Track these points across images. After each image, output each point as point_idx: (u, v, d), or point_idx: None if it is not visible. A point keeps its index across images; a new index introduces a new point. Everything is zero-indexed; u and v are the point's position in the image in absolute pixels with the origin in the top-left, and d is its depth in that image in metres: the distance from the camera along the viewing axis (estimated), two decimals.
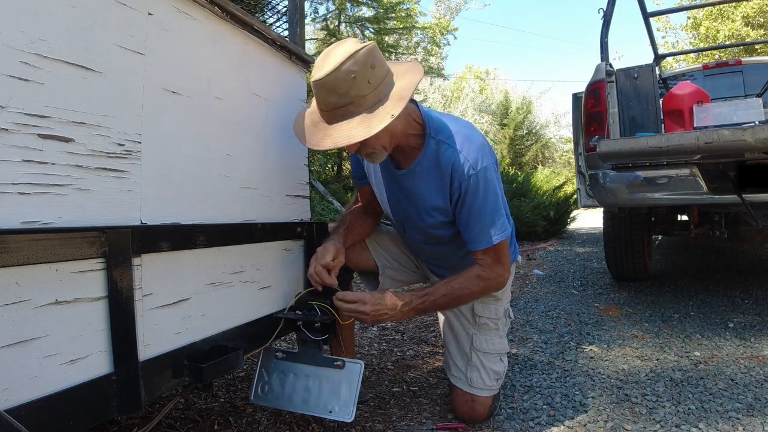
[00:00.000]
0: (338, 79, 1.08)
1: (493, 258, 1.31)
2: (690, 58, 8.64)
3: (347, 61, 1.07)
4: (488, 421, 1.45)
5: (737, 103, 2.65)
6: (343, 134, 1.12)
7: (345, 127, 1.13)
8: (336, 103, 1.11)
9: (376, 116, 1.11)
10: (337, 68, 1.07)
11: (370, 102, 1.12)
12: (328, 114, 1.15)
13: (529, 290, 3.39)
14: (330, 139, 1.14)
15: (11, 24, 0.67)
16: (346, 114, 1.13)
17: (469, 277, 1.32)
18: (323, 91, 1.11)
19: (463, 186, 1.25)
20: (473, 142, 1.28)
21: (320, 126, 1.17)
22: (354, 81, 1.09)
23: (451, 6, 17.51)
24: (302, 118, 1.23)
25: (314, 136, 1.17)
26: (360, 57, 1.09)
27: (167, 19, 0.94)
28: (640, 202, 2.38)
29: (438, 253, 1.51)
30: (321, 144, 1.15)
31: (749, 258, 4.27)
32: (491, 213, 1.28)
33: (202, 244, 1.01)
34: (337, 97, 1.10)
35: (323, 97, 1.12)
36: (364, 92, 1.11)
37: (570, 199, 7.07)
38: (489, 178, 1.27)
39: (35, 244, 0.68)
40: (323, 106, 1.14)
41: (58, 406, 0.71)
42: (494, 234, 1.28)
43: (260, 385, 1.35)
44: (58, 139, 0.74)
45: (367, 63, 1.10)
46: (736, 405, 1.49)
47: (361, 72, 1.09)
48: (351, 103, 1.11)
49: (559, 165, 16.68)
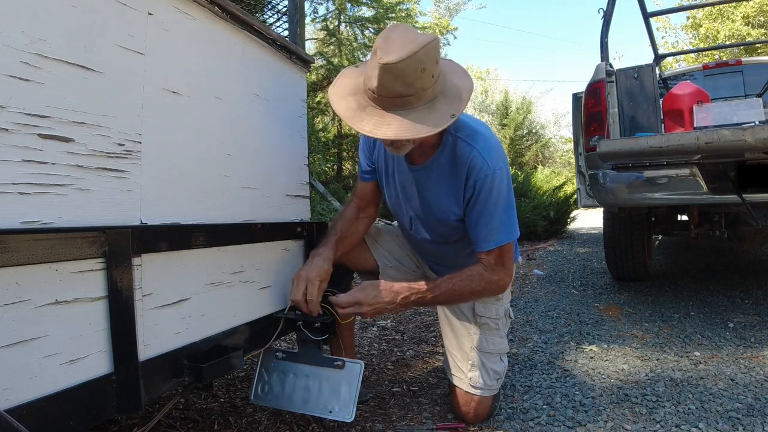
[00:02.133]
0: (409, 68, 1.03)
1: (496, 260, 1.31)
2: (690, 58, 8.64)
3: (420, 50, 1.03)
4: (488, 421, 1.45)
5: (737, 103, 2.65)
6: (405, 127, 1.07)
7: (405, 119, 1.08)
8: (400, 91, 1.06)
9: (436, 112, 1.09)
10: (411, 56, 1.02)
11: (430, 96, 1.09)
12: (385, 100, 1.08)
13: (529, 290, 3.39)
14: (391, 130, 1.08)
15: (11, 24, 0.67)
16: (405, 104, 1.08)
17: (471, 276, 1.32)
18: (390, 76, 1.04)
19: (477, 185, 1.25)
20: (490, 143, 1.28)
21: (372, 111, 1.11)
22: (423, 73, 1.05)
23: (450, 6, 17.53)
24: (344, 99, 1.15)
25: (366, 122, 1.10)
26: (431, 49, 1.05)
27: (167, 19, 0.94)
28: (640, 202, 2.38)
29: (443, 251, 1.51)
30: (379, 133, 1.09)
31: (749, 258, 4.27)
32: (501, 215, 1.28)
33: (202, 244, 1.01)
34: (403, 85, 1.05)
35: (388, 83, 1.05)
36: (427, 85, 1.08)
37: (570, 199, 7.08)
38: (503, 179, 1.27)
39: (35, 244, 0.68)
40: (383, 92, 1.07)
41: (58, 406, 0.71)
42: (501, 236, 1.28)
43: (260, 385, 1.35)
44: (58, 139, 0.74)
45: (434, 57, 1.07)
46: (736, 405, 1.49)
47: (429, 65, 1.06)
48: (413, 94, 1.07)
49: (559, 165, 16.69)
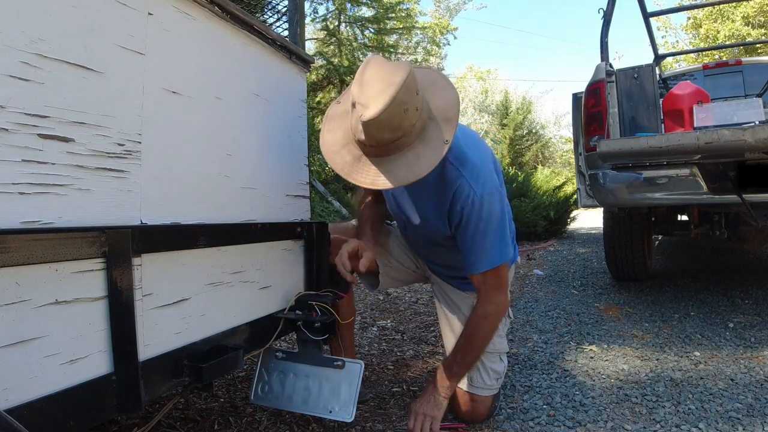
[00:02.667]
0: (392, 115, 1.00)
1: (491, 282, 1.31)
2: (690, 58, 8.64)
3: (398, 92, 0.99)
4: (488, 421, 1.45)
5: (737, 103, 2.65)
6: (405, 172, 1.07)
7: (401, 161, 1.07)
8: (389, 138, 1.04)
9: (431, 144, 1.08)
10: (390, 103, 0.99)
11: (419, 128, 1.08)
12: (377, 149, 1.07)
13: (529, 290, 3.39)
14: (394, 179, 1.07)
15: (11, 24, 0.67)
16: (399, 147, 1.06)
17: (477, 324, 1.34)
18: (375, 128, 1.02)
19: (465, 211, 1.23)
20: (478, 166, 1.25)
21: (367, 162, 1.10)
22: (406, 113, 1.03)
23: (450, 6, 17.54)
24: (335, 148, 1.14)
25: (365, 175, 1.10)
26: (408, 85, 1.01)
27: (167, 19, 0.94)
28: (640, 202, 2.38)
29: (436, 252, 1.52)
30: (380, 185, 1.08)
31: (749, 258, 4.27)
32: (491, 240, 1.27)
33: (202, 244, 1.01)
34: (391, 132, 1.03)
35: (374, 135, 1.03)
36: (413, 121, 1.05)
37: (570, 199, 7.08)
38: (492, 204, 1.24)
39: (35, 244, 0.68)
40: (373, 142, 1.05)
41: (58, 406, 0.71)
42: (492, 258, 1.28)
43: (260, 385, 1.35)
44: (58, 139, 0.74)
45: (413, 90, 1.03)
46: (736, 405, 1.49)
47: (411, 101, 1.03)
48: (403, 135, 1.05)
49: (559, 165, 16.69)
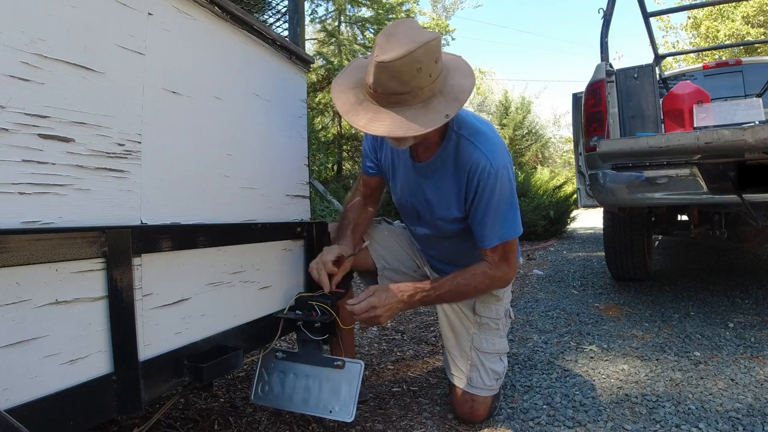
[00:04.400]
0: (404, 66, 1.03)
1: (501, 256, 1.32)
2: (690, 58, 8.65)
3: (418, 49, 1.03)
4: (488, 421, 1.45)
5: (737, 103, 2.65)
6: (398, 125, 1.08)
7: (398, 116, 1.08)
8: (395, 89, 1.07)
9: (431, 112, 1.09)
10: (407, 55, 1.02)
11: (426, 95, 1.09)
12: (381, 96, 1.09)
13: (529, 290, 3.39)
14: (383, 127, 1.09)
15: (11, 24, 0.67)
16: (400, 102, 1.09)
17: (474, 274, 1.33)
18: (385, 74, 1.05)
19: (481, 183, 1.25)
20: (494, 141, 1.28)
21: (368, 106, 1.12)
22: (419, 72, 1.05)
23: (446, 6, 17.55)
24: (344, 93, 1.16)
25: (361, 117, 1.12)
26: (430, 48, 1.05)
27: (167, 19, 0.94)
28: (640, 202, 2.38)
29: (444, 247, 1.51)
30: (371, 129, 1.10)
31: (749, 258, 4.27)
32: (504, 212, 1.29)
33: (202, 244, 1.01)
34: (398, 84, 1.06)
35: (383, 81, 1.06)
36: (423, 84, 1.07)
37: (570, 199, 7.08)
38: (507, 177, 1.27)
39: (35, 244, 0.68)
40: (379, 89, 1.08)
41: (58, 406, 0.71)
42: (505, 233, 1.29)
43: (260, 385, 1.35)
44: (58, 139, 0.74)
45: (433, 56, 1.07)
46: (736, 405, 1.49)
47: (427, 64, 1.06)
48: (409, 92, 1.07)
49: (559, 165, 16.69)
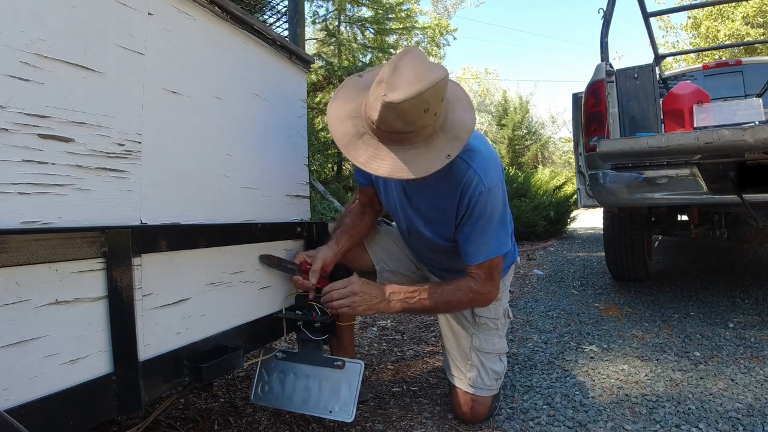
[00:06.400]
0: (412, 107, 1.00)
1: (485, 274, 1.32)
2: (690, 58, 8.65)
3: (427, 91, 0.99)
4: (488, 421, 1.45)
5: (737, 103, 2.65)
6: (399, 167, 1.05)
7: (400, 156, 1.06)
8: (399, 128, 1.04)
9: (432, 151, 1.07)
10: (416, 96, 0.98)
11: (429, 133, 1.07)
12: (383, 134, 1.06)
13: (529, 290, 3.39)
14: (384, 168, 1.07)
15: (11, 24, 0.67)
16: (402, 141, 1.06)
17: (459, 286, 1.33)
18: (392, 114, 1.01)
19: (472, 202, 1.25)
20: (486, 158, 1.27)
21: (368, 141, 1.09)
22: (425, 113, 1.03)
23: (447, 5, 17.55)
24: (342, 122, 1.13)
25: (361, 153, 1.09)
26: (439, 89, 1.02)
27: (167, 19, 0.94)
28: (640, 202, 2.38)
29: (438, 257, 1.51)
30: (371, 168, 1.08)
31: (749, 258, 4.27)
32: (492, 231, 1.28)
33: (202, 244, 1.01)
34: (403, 124, 1.03)
35: (388, 120, 1.03)
36: (427, 123, 1.05)
37: (570, 199, 7.08)
38: (498, 196, 1.26)
39: (35, 244, 0.68)
40: (383, 126, 1.05)
41: (58, 406, 0.71)
42: (490, 250, 1.29)
43: (260, 385, 1.35)
44: (58, 139, 0.74)
45: (440, 96, 1.04)
46: (736, 405, 1.49)
47: (434, 104, 1.03)
48: (413, 132, 1.05)
49: (559, 165, 16.70)
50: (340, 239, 1.40)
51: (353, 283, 1.27)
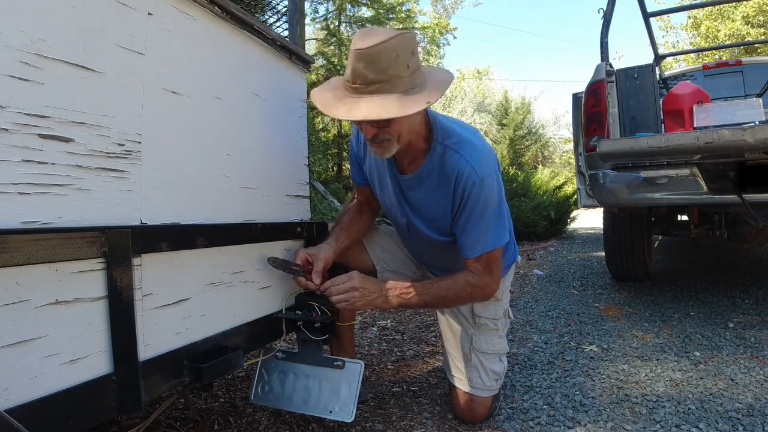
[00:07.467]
0: (381, 53, 1.04)
1: (484, 266, 1.31)
2: (690, 58, 8.64)
3: (393, 39, 1.05)
4: (488, 421, 1.45)
5: (737, 103, 2.65)
6: (376, 107, 1.07)
7: (378, 101, 1.08)
8: (373, 78, 1.07)
9: (412, 99, 1.09)
10: (383, 42, 1.04)
11: (406, 85, 1.09)
12: (360, 88, 1.09)
13: (529, 290, 3.39)
14: (360, 111, 1.08)
15: (11, 24, 0.67)
16: (380, 91, 1.09)
17: (457, 281, 1.32)
18: (362, 62, 1.05)
19: (466, 192, 1.25)
20: (479, 150, 1.27)
21: (347, 100, 1.12)
22: (396, 60, 1.06)
23: (446, 5, 17.55)
24: (322, 93, 1.17)
25: (340, 108, 1.12)
26: (405, 39, 1.07)
27: (167, 19, 0.94)
28: (640, 202, 2.38)
29: (438, 255, 1.51)
30: (352, 114, 1.09)
31: (749, 258, 4.27)
32: (488, 222, 1.28)
33: (202, 244, 1.01)
34: (376, 72, 1.06)
35: (360, 69, 1.06)
36: (402, 74, 1.08)
37: (570, 199, 7.08)
38: (492, 186, 1.26)
39: (35, 244, 0.68)
40: (358, 79, 1.08)
41: (58, 407, 0.71)
42: (488, 243, 1.28)
43: (260, 385, 1.35)
44: (58, 139, 0.74)
45: (409, 48, 1.08)
46: (736, 405, 1.49)
47: (404, 54, 1.07)
48: (387, 81, 1.07)
49: (559, 165, 16.70)
50: (340, 236, 1.41)
51: (354, 278, 1.27)
